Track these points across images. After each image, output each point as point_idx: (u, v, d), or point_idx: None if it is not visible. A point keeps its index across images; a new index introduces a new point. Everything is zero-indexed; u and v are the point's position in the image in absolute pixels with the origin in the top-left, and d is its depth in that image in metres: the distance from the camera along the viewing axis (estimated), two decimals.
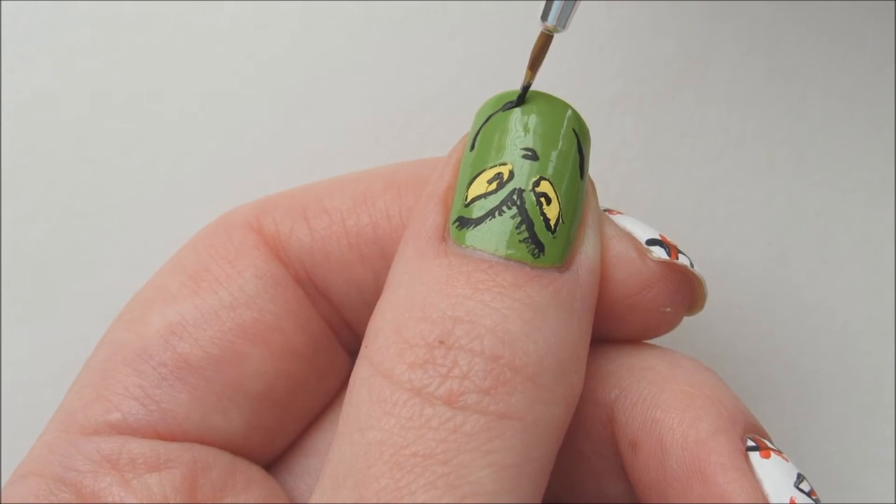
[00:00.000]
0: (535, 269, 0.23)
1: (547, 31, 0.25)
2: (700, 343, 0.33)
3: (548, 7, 0.24)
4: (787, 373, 0.33)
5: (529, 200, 0.23)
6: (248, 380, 0.26)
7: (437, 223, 0.24)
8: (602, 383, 0.25)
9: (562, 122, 0.24)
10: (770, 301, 0.33)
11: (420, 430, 0.21)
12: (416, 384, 0.21)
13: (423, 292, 0.23)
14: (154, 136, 0.31)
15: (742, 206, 0.33)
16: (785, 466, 0.23)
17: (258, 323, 0.26)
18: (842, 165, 0.33)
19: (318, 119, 0.32)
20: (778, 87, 0.32)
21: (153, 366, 0.25)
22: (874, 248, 0.33)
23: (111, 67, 0.31)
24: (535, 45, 0.25)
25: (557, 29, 0.24)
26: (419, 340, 0.22)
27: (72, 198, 0.31)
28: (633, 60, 0.32)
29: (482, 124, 0.25)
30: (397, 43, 0.31)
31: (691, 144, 0.32)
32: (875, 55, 0.32)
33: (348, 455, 0.22)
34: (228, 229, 0.27)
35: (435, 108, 0.32)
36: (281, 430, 0.27)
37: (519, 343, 0.22)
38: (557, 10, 0.24)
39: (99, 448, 0.25)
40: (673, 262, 0.25)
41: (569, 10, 0.24)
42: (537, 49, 0.25)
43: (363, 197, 0.27)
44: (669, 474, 0.23)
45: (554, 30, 0.24)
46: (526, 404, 0.22)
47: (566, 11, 0.24)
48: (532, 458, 0.22)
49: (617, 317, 0.25)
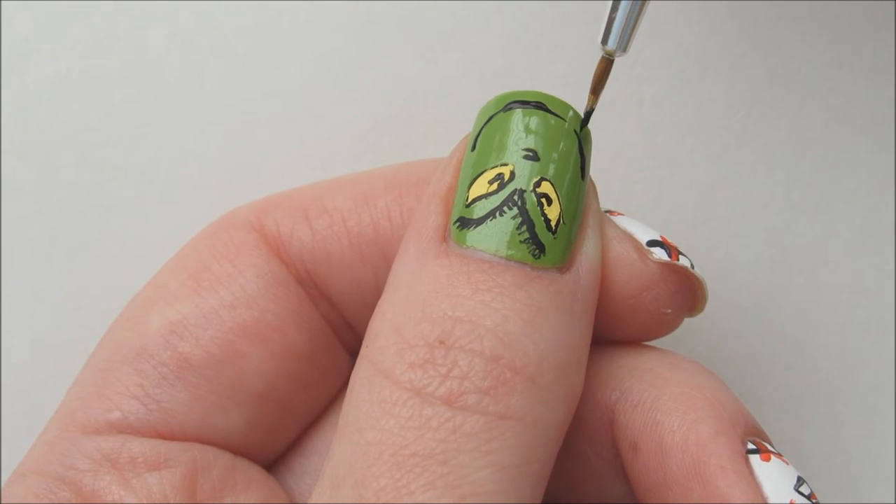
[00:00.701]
0: (535, 270, 0.23)
1: (608, 55, 0.25)
2: (700, 343, 0.33)
3: (608, 31, 0.24)
4: (787, 373, 0.33)
5: (530, 201, 0.23)
6: (249, 379, 0.26)
7: (437, 223, 0.24)
8: (603, 385, 0.25)
9: (563, 124, 0.24)
10: (770, 301, 0.33)
11: (420, 431, 0.21)
12: (416, 384, 0.21)
13: (423, 292, 0.23)
14: (154, 136, 0.31)
15: (742, 206, 0.33)
16: (785, 469, 0.23)
17: (259, 322, 0.26)
18: (842, 165, 0.33)
19: (318, 119, 0.32)
20: (778, 87, 0.32)
21: (154, 365, 0.25)
22: (874, 248, 0.33)
23: (111, 67, 0.31)
24: (597, 69, 0.25)
25: (618, 53, 0.24)
26: (419, 340, 0.22)
27: (72, 198, 0.31)
28: (633, 60, 0.32)
29: (483, 125, 0.25)
30: (397, 43, 0.31)
31: (691, 144, 0.32)
32: (875, 55, 0.32)
33: (348, 455, 0.22)
34: (230, 229, 0.27)
35: (435, 108, 0.32)
36: (281, 430, 0.27)
37: (519, 343, 0.22)
38: (618, 34, 0.24)
39: (99, 447, 0.25)
40: (673, 263, 0.25)
41: (629, 32, 0.24)
42: (598, 73, 0.25)
43: (364, 197, 0.27)
44: (669, 476, 0.23)
45: (614, 53, 0.24)
46: (526, 405, 0.22)
47: (626, 34, 0.24)
48: (532, 459, 0.22)
49: (618, 318, 0.25)
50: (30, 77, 0.31)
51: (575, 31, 0.31)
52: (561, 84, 0.31)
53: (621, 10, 0.24)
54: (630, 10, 0.24)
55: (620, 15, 0.24)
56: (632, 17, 0.24)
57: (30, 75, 0.31)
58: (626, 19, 0.24)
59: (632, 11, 0.24)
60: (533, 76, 0.31)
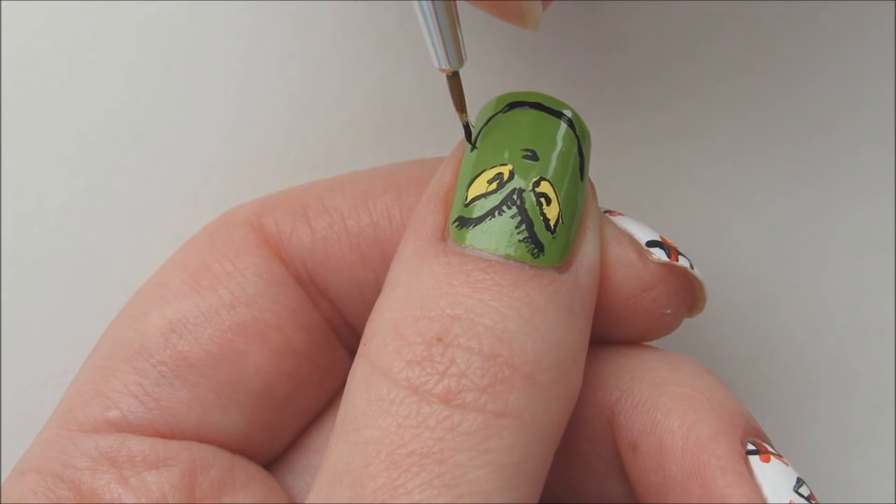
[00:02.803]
0: (534, 269, 0.23)
1: (448, 73, 0.24)
2: (700, 343, 0.33)
3: (434, 53, 0.23)
4: (787, 373, 0.33)
5: (529, 200, 0.23)
6: (248, 378, 0.26)
7: (436, 223, 0.24)
8: (603, 385, 0.25)
9: (562, 123, 0.24)
10: (770, 301, 0.33)
11: (417, 429, 0.21)
12: (413, 382, 0.21)
13: (421, 290, 0.23)
14: (154, 136, 0.31)
15: (742, 206, 0.33)
16: (785, 471, 0.23)
17: (258, 321, 0.26)
18: (842, 165, 0.33)
19: (318, 119, 0.32)
20: (778, 87, 0.32)
21: (153, 363, 0.25)
22: (874, 248, 0.33)
23: (111, 67, 0.31)
24: (449, 88, 0.24)
25: (455, 66, 0.24)
26: (417, 338, 0.22)
27: (72, 198, 0.31)
28: (633, 60, 0.32)
29: (483, 125, 0.25)
30: (397, 43, 0.31)
31: (691, 144, 0.32)
32: (875, 55, 0.32)
33: (345, 453, 0.21)
34: (229, 228, 0.27)
35: (435, 108, 0.32)
36: (281, 429, 0.27)
37: (517, 341, 0.22)
38: (443, 52, 0.23)
39: (98, 445, 0.25)
40: (673, 263, 0.25)
41: (451, 45, 0.23)
42: (451, 91, 0.24)
43: (364, 197, 0.27)
44: (669, 477, 0.23)
45: (452, 70, 0.24)
46: (524, 403, 0.22)
47: (450, 47, 0.23)
48: (530, 458, 0.22)
49: (617, 318, 0.25)
50: (30, 77, 0.31)
51: (575, 31, 0.31)
52: (561, 84, 0.31)
53: (431, 32, 0.23)
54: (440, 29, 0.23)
55: (433, 36, 0.23)
56: (445, 33, 0.23)
57: (30, 75, 0.31)
58: (441, 37, 0.23)
59: (442, 30, 0.23)
60: (533, 76, 0.31)
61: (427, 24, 0.23)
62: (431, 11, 0.22)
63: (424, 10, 0.22)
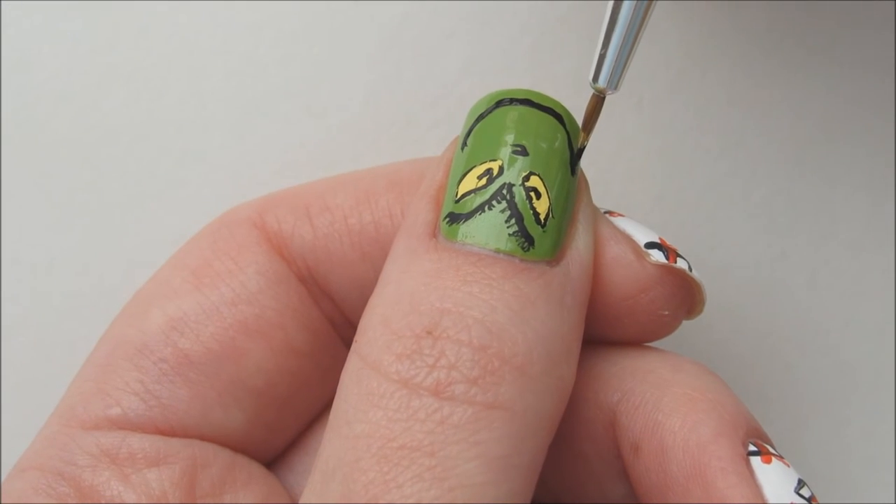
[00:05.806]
0: (524, 263, 0.23)
1: (598, 93, 0.25)
2: (701, 344, 0.33)
3: (598, 68, 0.24)
4: (787, 373, 0.33)
5: (519, 195, 0.23)
6: (249, 376, 0.26)
7: (427, 220, 0.24)
8: (604, 386, 0.25)
9: (552, 119, 0.24)
10: (770, 301, 0.33)
11: (407, 422, 0.21)
12: (403, 375, 0.21)
13: (412, 286, 0.23)
14: (154, 136, 0.31)
15: (742, 206, 0.33)
16: (786, 472, 0.23)
17: (259, 319, 0.26)
18: (842, 165, 0.33)
19: (318, 119, 0.32)
20: (778, 87, 0.32)
21: (154, 361, 0.25)
22: (874, 248, 0.33)
23: (111, 67, 0.31)
24: (588, 106, 0.25)
25: (609, 90, 0.24)
26: (407, 331, 0.22)
27: (72, 198, 0.31)
28: (633, 60, 0.32)
29: (474, 123, 0.25)
30: (397, 43, 0.31)
31: (691, 144, 0.32)
32: (875, 55, 0.32)
33: (337, 448, 0.21)
34: (231, 226, 0.27)
35: (435, 108, 0.32)
36: (282, 428, 0.27)
37: (507, 333, 0.22)
38: (608, 72, 0.24)
39: (98, 442, 0.25)
40: (670, 265, 0.25)
41: (620, 70, 0.24)
42: (590, 110, 0.25)
43: (366, 195, 0.27)
44: (670, 478, 0.23)
45: (605, 91, 0.24)
46: (514, 394, 0.21)
47: (617, 72, 0.24)
48: (521, 450, 0.21)
49: (615, 319, 0.25)
50: (30, 77, 0.31)
51: (575, 31, 0.31)
52: (561, 84, 0.32)
53: (612, 47, 0.24)
54: (621, 48, 0.24)
55: (611, 52, 0.24)
56: (623, 54, 0.24)
57: (30, 75, 0.31)
58: (616, 57, 0.24)
59: (623, 49, 0.24)
60: (533, 76, 0.31)
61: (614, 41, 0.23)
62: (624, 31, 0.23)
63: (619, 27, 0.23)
